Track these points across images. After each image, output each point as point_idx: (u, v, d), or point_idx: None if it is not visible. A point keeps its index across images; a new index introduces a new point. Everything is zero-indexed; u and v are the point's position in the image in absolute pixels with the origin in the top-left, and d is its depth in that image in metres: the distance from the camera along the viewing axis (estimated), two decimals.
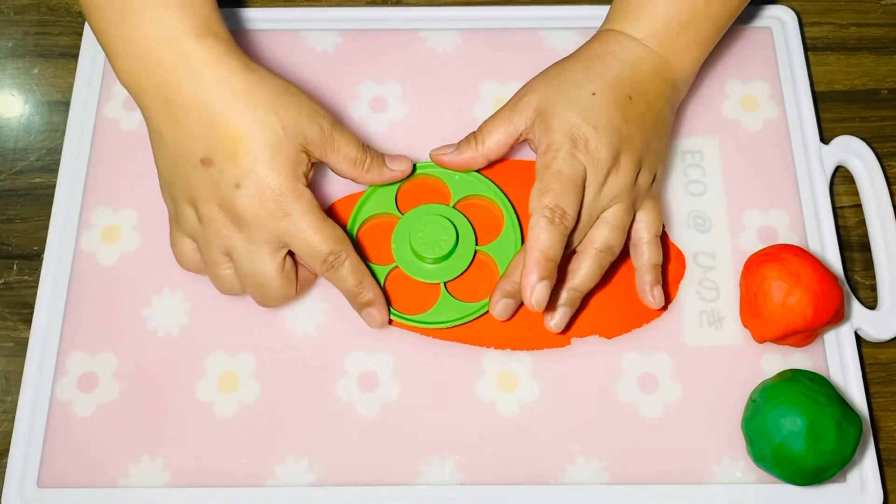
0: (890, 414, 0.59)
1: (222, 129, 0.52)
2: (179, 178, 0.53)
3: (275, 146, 0.52)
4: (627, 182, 0.55)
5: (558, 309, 0.55)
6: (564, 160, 0.53)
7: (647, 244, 0.57)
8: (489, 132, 0.58)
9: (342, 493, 0.55)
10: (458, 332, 0.57)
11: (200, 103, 0.52)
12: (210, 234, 0.53)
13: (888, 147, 0.66)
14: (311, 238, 0.53)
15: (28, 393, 0.57)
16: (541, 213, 0.53)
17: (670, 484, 0.55)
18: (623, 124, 0.55)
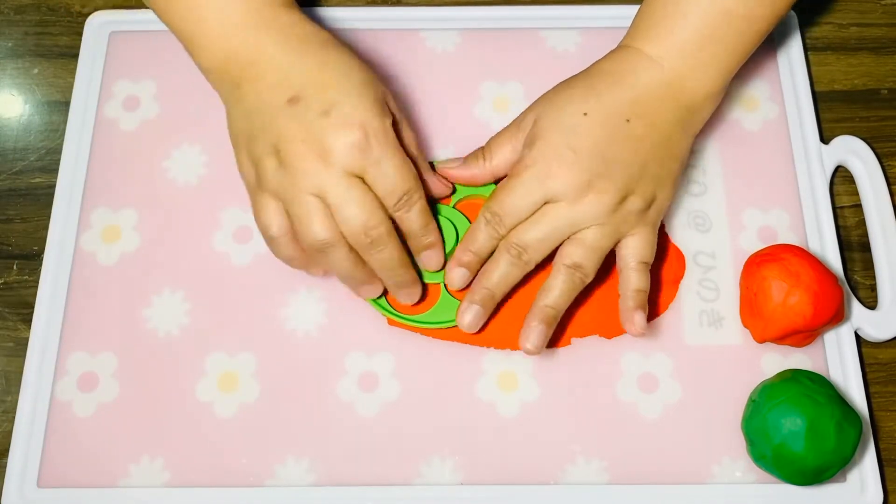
0: (890, 414, 0.59)
1: (314, 64, 0.52)
2: (261, 129, 0.52)
3: (365, 82, 0.53)
4: (605, 206, 0.54)
5: (534, 328, 0.54)
6: (526, 177, 0.54)
7: (632, 270, 0.55)
8: (497, 148, 0.58)
9: (342, 493, 0.55)
10: (458, 331, 0.57)
11: (288, 52, 0.53)
12: (296, 177, 0.51)
13: (888, 147, 0.66)
14: (393, 173, 0.52)
15: (28, 393, 0.57)
16: (482, 213, 0.55)
17: (670, 484, 0.55)
18: (609, 148, 0.54)
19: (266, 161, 0.52)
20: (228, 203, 0.62)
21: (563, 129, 0.54)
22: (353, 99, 0.52)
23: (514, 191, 0.54)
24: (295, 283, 0.60)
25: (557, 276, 0.55)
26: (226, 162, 0.62)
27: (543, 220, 0.54)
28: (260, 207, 0.53)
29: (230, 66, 0.54)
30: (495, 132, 0.64)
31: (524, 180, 0.54)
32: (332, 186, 0.51)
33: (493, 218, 0.55)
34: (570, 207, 0.54)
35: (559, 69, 0.65)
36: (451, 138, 0.64)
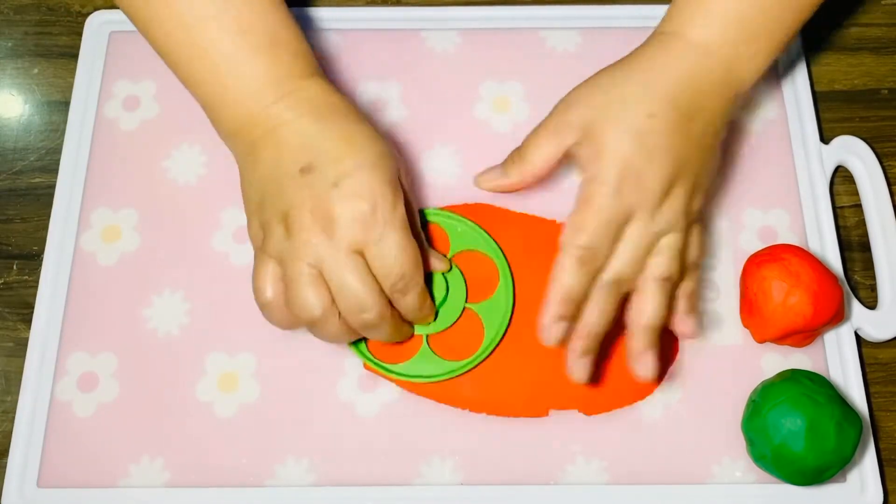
0: (890, 414, 0.59)
1: (331, 135, 0.51)
2: (273, 196, 0.51)
3: (381, 156, 0.51)
4: (681, 210, 0.52)
5: (643, 355, 0.52)
6: (608, 196, 0.51)
7: (690, 270, 0.54)
8: (536, 148, 0.55)
9: (342, 493, 0.55)
10: (436, 391, 0.56)
11: (308, 122, 0.52)
12: (297, 244, 0.50)
13: (888, 147, 0.65)
14: (394, 254, 0.50)
15: (28, 393, 0.57)
16: (571, 251, 0.51)
17: (670, 484, 0.55)
18: (682, 149, 0.52)
19: (273, 227, 0.51)
20: (228, 203, 0.62)
21: (630, 134, 0.51)
22: (366, 172, 0.50)
23: (597, 217, 0.51)
24: None
25: (649, 293, 0.52)
26: (226, 162, 0.62)
27: (631, 244, 0.51)
28: (258, 270, 0.52)
29: (249, 131, 0.53)
30: (495, 132, 0.64)
31: (604, 204, 0.51)
32: (330, 260, 0.50)
33: (585, 254, 0.51)
34: (651, 220, 0.51)
35: (559, 69, 0.66)
36: (451, 138, 0.64)
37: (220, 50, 0.53)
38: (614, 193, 0.51)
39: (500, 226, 0.60)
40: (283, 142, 0.52)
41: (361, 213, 0.49)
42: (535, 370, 0.57)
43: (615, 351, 0.57)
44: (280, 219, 0.51)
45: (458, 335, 0.57)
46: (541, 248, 0.59)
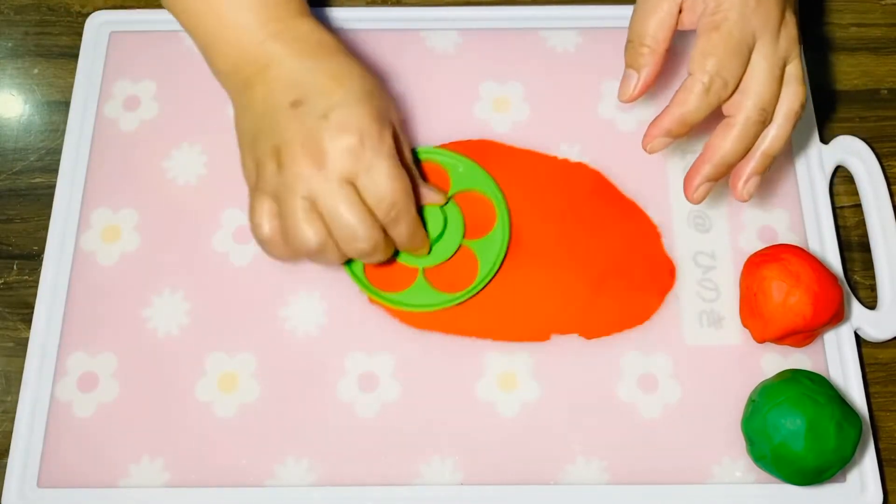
0: (890, 414, 0.59)
1: (321, 71, 0.53)
2: (265, 132, 0.52)
3: (370, 91, 0.53)
4: (795, 34, 0.53)
5: (751, 178, 0.54)
6: (736, 22, 0.51)
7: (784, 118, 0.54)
8: (646, 19, 0.53)
9: (342, 493, 0.55)
10: (439, 321, 0.58)
11: (300, 58, 0.53)
12: (289, 178, 0.51)
13: (888, 147, 0.66)
14: (384, 182, 0.51)
15: (28, 393, 0.57)
16: (698, 77, 0.51)
17: (670, 484, 0.55)
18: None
19: (266, 162, 0.52)
20: (228, 203, 0.62)
21: None
22: (354, 105, 0.51)
23: (727, 42, 0.51)
24: (295, 283, 0.60)
25: (785, 123, 0.53)
26: (226, 162, 0.63)
27: (765, 71, 0.52)
28: (254, 208, 0.53)
29: (243, 69, 0.54)
30: (495, 132, 0.64)
31: (733, 27, 0.51)
32: (323, 191, 0.51)
33: (714, 82, 0.51)
34: (776, 45, 0.52)
35: (559, 69, 0.66)
36: (451, 138, 0.64)
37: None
38: (740, 18, 0.51)
39: (503, 161, 0.62)
40: (275, 78, 0.53)
41: (350, 144, 0.50)
42: (536, 296, 0.59)
43: (614, 275, 0.59)
44: (272, 153, 0.52)
45: (453, 270, 0.59)
46: (542, 183, 0.61)
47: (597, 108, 0.65)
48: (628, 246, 0.60)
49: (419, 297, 0.58)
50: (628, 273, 0.59)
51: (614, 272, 0.59)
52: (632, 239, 0.60)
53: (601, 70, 0.65)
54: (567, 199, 0.61)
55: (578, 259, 0.60)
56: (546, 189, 0.61)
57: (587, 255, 0.60)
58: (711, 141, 0.53)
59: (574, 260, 0.60)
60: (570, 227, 0.61)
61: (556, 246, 0.60)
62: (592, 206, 0.61)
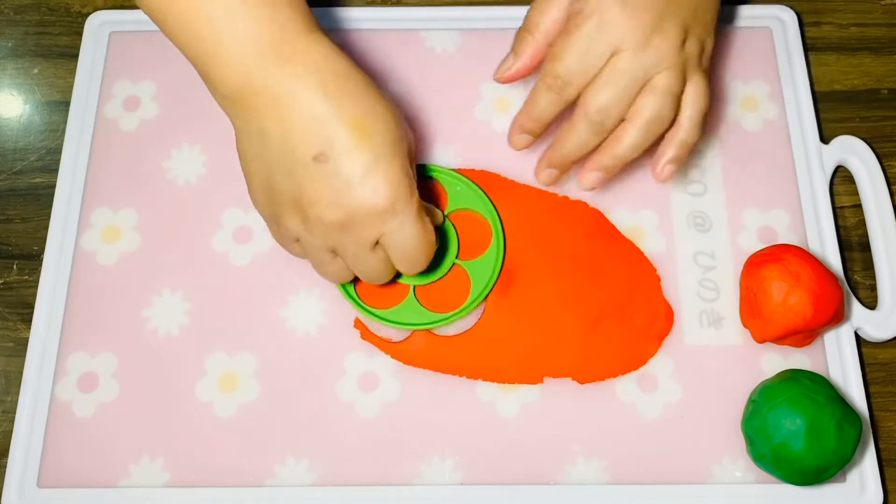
0: (890, 414, 0.59)
1: (344, 117, 0.48)
2: (283, 180, 0.49)
3: (395, 142, 0.49)
4: (672, 46, 0.52)
5: (592, 172, 0.56)
6: (589, 31, 0.52)
7: (688, 118, 0.55)
8: (539, 16, 0.55)
9: (342, 493, 0.55)
10: (432, 359, 0.57)
11: (318, 96, 0.48)
12: (316, 238, 0.51)
13: (888, 147, 0.65)
14: (409, 244, 0.51)
15: (28, 393, 0.57)
16: (543, 77, 0.54)
17: (670, 484, 0.55)
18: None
19: (287, 214, 0.51)
20: (228, 203, 0.62)
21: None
22: (382, 165, 0.48)
23: (575, 47, 0.52)
24: (295, 283, 0.60)
25: (631, 129, 0.54)
26: (226, 162, 0.63)
27: (615, 75, 0.52)
28: (280, 241, 0.54)
29: (249, 97, 0.49)
30: (495, 132, 0.64)
31: (585, 34, 0.52)
32: (351, 251, 0.51)
33: (555, 82, 0.53)
34: (639, 54, 0.52)
35: None
36: (451, 138, 0.64)
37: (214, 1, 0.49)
38: (595, 26, 0.52)
39: (502, 194, 0.61)
40: (291, 119, 0.48)
41: (380, 210, 0.49)
42: (529, 338, 0.58)
43: (609, 321, 0.58)
44: (293, 206, 0.50)
45: (445, 289, 0.59)
46: (539, 219, 0.61)
47: None
48: (626, 289, 0.59)
49: (408, 314, 0.57)
50: (625, 317, 0.58)
51: (611, 315, 0.58)
52: (630, 282, 0.59)
53: None
54: (565, 237, 0.60)
55: (574, 300, 0.59)
56: (544, 226, 0.60)
57: (584, 297, 0.59)
58: (558, 133, 0.56)
59: (570, 301, 0.59)
60: (567, 266, 0.59)
61: (551, 286, 0.59)
62: (591, 247, 0.60)
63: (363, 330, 0.58)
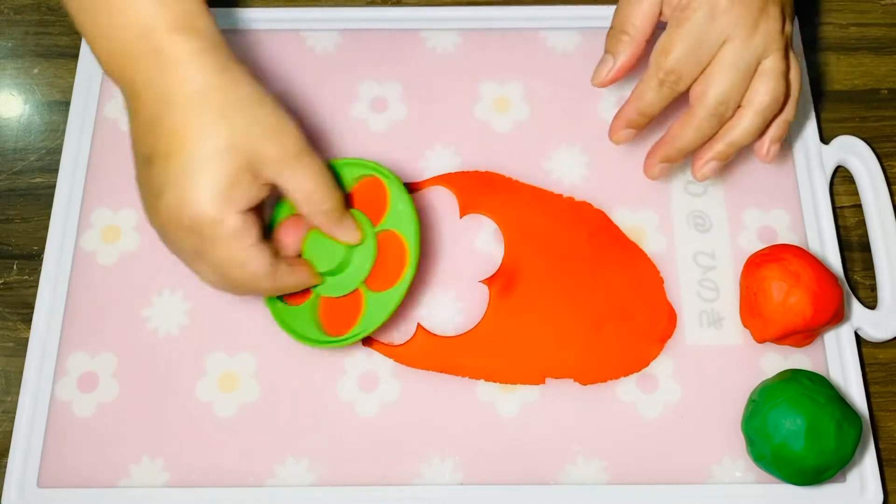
0: (890, 414, 0.59)
1: (166, 127, 0.47)
2: (135, 172, 0.50)
3: (211, 157, 0.46)
4: (777, 29, 0.53)
5: (710, 162, 0.55)
6: (700, 20, 0.52)
7: (792, 99, 0.55)
8: (634, 13, 0.54)
9: (342, 493, 0.55)
10: (435, 361, 0.57)
11: (161, 99, 0.47)
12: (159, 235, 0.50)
13: (888, 147, 0.66)
14: (217, 273, 0.49)
15: (28, 393, 0.57)
16: (654, 71, 0.53)
17: (670, 484, 0.55)
18: None
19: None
20: None
21: None
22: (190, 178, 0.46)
23: (686, 39, 0.52)
24: None
25: (747, 115, 0.53)
26: None
27: (729, 65, 0.52)
28: None
29: (121, 84, 0.49)
30: (495, 132, 0.64)
31: (695, 25, 0.52)
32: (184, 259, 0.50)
33: (668, 76, 0.52)
34: (749, 41, 0.52)
35: (559, 69, 0.66)
36: (451, 138, 0.64)
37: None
38: (707, 17, 0.52)
39: (504, 194, 0.61)
40: (140, 116, 0.48)
41: (183, 226, 0.47)
42: (532, 339, 0.58)
43: (612, 323, 0.58)
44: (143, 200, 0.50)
45: (345, 307, 0.55)
46: (542, 220, 0.60)
47: (597, 108, 0.65)
48: (629, 290, 0.59)
49: (299, 322, 0.55)
50: (628, 318, 0.58)
51: (613, 317, 0.58)
52: (633, 283, 0.59)
53: None
54: (569, 238, 0.60)
55: (577, 301, 0.59)
56: (547, 227, 0.60)
57: (586, 298, 0.59)
58: (672, 127, 0.56)
59: (572, 302, 0.59)
60: (570, 267, 0.59)
61: (554, 287, 0.59)
62: (594, 248, 0.60)
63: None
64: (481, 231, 0.61)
